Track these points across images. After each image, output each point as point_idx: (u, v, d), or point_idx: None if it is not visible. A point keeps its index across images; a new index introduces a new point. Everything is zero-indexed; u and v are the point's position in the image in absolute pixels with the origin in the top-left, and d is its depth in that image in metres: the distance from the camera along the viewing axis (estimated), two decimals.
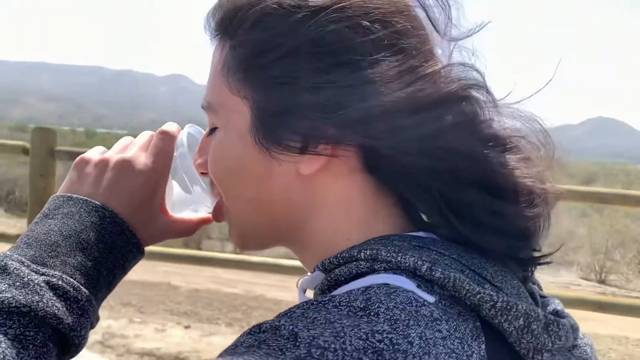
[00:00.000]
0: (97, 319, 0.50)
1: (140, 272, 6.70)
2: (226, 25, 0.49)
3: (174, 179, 0.59)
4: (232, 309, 5.39)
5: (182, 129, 0.59)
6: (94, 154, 0.57)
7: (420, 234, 0.46)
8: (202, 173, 0.56)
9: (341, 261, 0.44)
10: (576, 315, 0.49)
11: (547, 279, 9.56)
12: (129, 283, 6.25)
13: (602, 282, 10.21)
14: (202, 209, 0.60)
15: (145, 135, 0.59)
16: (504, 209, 0.44)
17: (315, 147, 0.45)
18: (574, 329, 0.43)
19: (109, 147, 0.60)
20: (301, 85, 0.44)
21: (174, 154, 0.57)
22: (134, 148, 0.57)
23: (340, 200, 0.47)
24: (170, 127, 0.58)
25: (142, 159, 0.56)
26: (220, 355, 0.34)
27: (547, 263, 0.48)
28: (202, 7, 0.54)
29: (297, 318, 0.36)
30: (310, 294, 0.49)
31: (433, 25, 0.48)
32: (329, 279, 0.44)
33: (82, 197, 0.53)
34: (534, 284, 0.50)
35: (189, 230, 0.59)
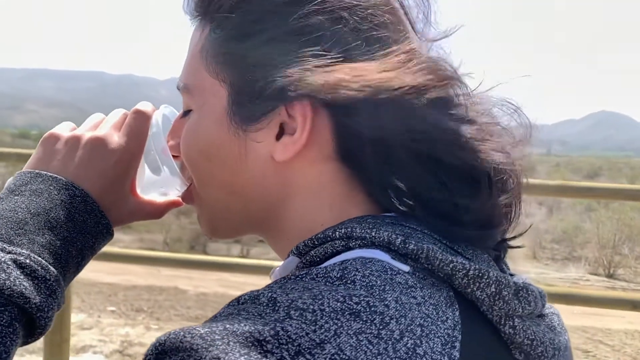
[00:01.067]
0: (64, 301, 0.49)
1: (145, 276, 6.67)
2: (206, 7, 0.49)
3: (146, 161, 0.57)
4: None
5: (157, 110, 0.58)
6: (64, 130, 0.56)
7: (393, 214, 0.46)
8: (174, 156, 0.55)
9: (316, 242, 0.44)
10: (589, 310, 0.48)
11: (556, 275, 9.52)
12: (136, 288, 6.24)
13: (610, 276, 10.16)
14: (172, 192, 0.58)
15: (117, 114, 0.58)
16: (472, 201, 0.44)
17: (292, 132, 0.45)
18: (542, 295, 0.44)
19: None
20: (280, 69, 0.44)
21: (148, 134, 0.56)
22: (106, 126, 0.56)
23: (314, 187, 0.47)
24: (144, 106, 0.57)
25: (116, 138, 0.54)
26: (201, 325, 0.34)
27: (518, 247, 0.49)
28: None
29: (275, 287, 0.37)
30: None
31: (411, 25, 0.49)
32: (304, 261, 0.44)
33: (51, 174, 0.51)
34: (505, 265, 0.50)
35: (157, 213, 0.58)
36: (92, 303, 5.26)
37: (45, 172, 0.52)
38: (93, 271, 5.77)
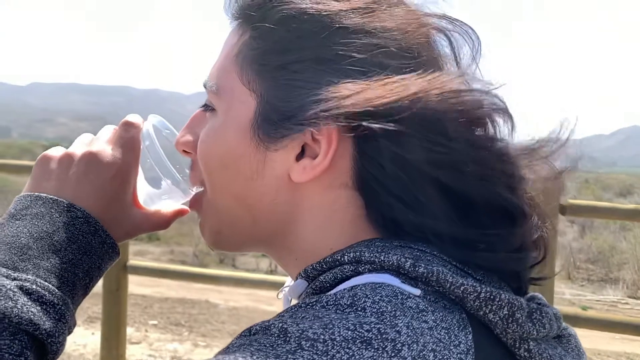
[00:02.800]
0: (74, 324, 0.48)
1: (176, 288, 6.69)
2: (251, 13, 0.48)
3: (143, 171, 0.56)
4: None
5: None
6: (57, 151, 0.55)
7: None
8: (185, 152, 0.54)
9: (325, 266, 0.44)
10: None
11: (593, 298, 9.21)
12: (169, 300, 6.26)
13: None
14: (177, 200, 0.57)
15: (107, 129, 0.57)
16: (504, 236, 0.43)
17: (313, 156, 0.45)
18: (557, 317, 0.43)
19: None
20: (316, 92, 0.43)
21: (141, 145, 0.55)
22: (98, 142, 0.55)
23: (326, 211, 0.47)
24: (133, 118, 0.56)
25: (109, 152, 0.53)
26: (214, 357, 0.34)
27: (543, 279, 0.48)
28: (228, 28, 0.52)
29: (286, 317, 0.37)
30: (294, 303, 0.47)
31: (456, 61, 0.48)
32: (313, 287, 0.44)
33: (51, 196, 0.50)
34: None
35: (163, 223, 0.57)
36: (132, 315, 5.28)
37: (45, 195, 0.50)
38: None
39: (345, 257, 0.42)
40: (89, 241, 0.50)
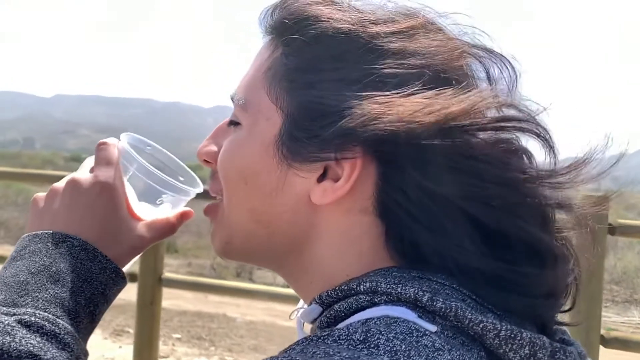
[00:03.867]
0: (85, 352, 0.47)
1: (193, 301, 6.71)
2: (285, 29, 0.47)
3: (131, 183, 0.56)
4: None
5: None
6: (44, 192, 0.56)
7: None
8: (206, 161, 0.53)
9: (340, 294, 0.43)
10: None
11: (617, 319, 8.95)
12: (187, 314, 6.26)
13: None
14: (176, 205, 0.57)
15: (89, 159, 0.58)
16: (526, 277, 0.41)
17: (336, 179, 0.44)
18: (582, 356, 0.42)
19: None
20: (344, 113, 0.42)
21: (124, 162, 0.55)
22: (79, 170, 0.56)
23: (344, 236, 0.46)
24: (107, 139, 0.57)
25: (89, 174, 0.54)
26: None
27: (571, 324, 0.47)
28: (246, 42, 0.48)
29: (296, 354, 0.35)
30: (307, 327, 0.48)
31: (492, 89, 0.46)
32: (328, 315, 0.43)
33: (45, 231, 0.51)
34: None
35: (170, 229, 0.56)
36: None
37: (40, 232, 0.51)
38: (125, 290, 5.82)
39: (362, 286, 0.41)
40: (88, 268, 0.49)
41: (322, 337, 0.37)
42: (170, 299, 6.34)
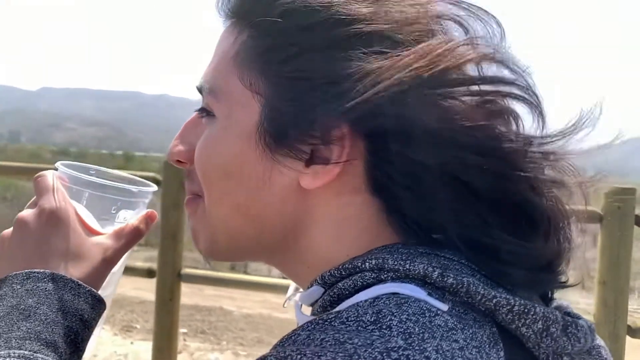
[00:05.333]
0: None
1: (189, 295, 6.73)
2: (246, 11, 0.45)
3: (78, 200, 0.55)
4: None
5: None
6: None
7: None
8: (179, 162, 0.50)
9: (344, 273, 0.41)
10: None
11: None
12: (185, 307, 6.23)
13: None
14: (136, 209, 0.56)
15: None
16: (528, 249, 0.41)
17: (326, 160, 0.42)
18: (591, 330, 0.41)
19: (146, 169, 0.54)
20: (324, 88, 0.41)
21: (74, 187, 0.54)
22: (24, 210, 0.54)
23: (340, 217, 0.44)
24: (42, 172, 0.55)
25: (30, 208, 0.53)
26: None
27: (568, 286, 0.46)
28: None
29: (304, 343, 0.33)
30: (306, 310, 0.46)
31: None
32: (331, 294, 0.42)
33: (9, 274, 0.49)
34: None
35: (137, 234, 0.55)
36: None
37: (4, 277, 0.49)
38: (135, 289, 5.78)
39: (367, 263, 0.40)
40: (59, 297, 0.47)
41: (328, 320, 0.35)
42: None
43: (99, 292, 0.51)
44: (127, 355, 4.31)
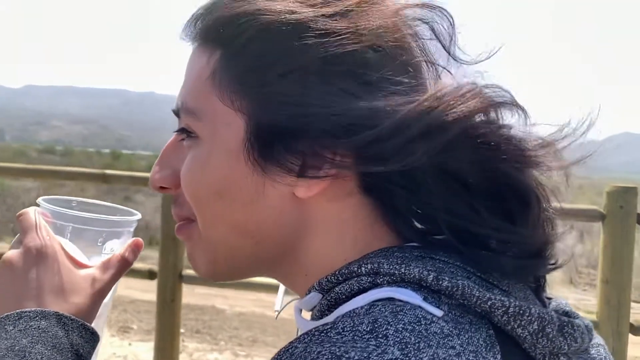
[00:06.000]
0: None
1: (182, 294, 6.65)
2: (218, 32, 0.45)
3: (62, 234, 0.55)
4: (290, 335, 5.29)
5: None
6: None
7: (415, 244, 0.44)
8: (162, 188, 0.50)
9: (340, 278, 0.42)
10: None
11: (596, 302, 9.24)
12: None
13: None
14: (122, 237, 0.56)
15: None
16: (518, 236, 0.41)
17: (317, 170, 0.42)
18: (588, 329, 0.42)
19: (133, 169, 0.53)
20: (309, 105, 0.41)
21: (57, 222, 0.54)
22: (8, 252, 0.54)
23: (335, 222, 0.45)
24: (24, 209, 0.55)
25: (18, 248, 0.52)
26: None
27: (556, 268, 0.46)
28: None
29: (300, 356, 0.34)
30: (306, 315, 0.47)
31: (445, 50, 0.46)
32: (328, 298, 0.42)
33: (0, 317, 0.48)
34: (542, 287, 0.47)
35: (124, 263, 0.55)
36: (150, 322, 5.19)
37: None
38: (127, 288, 5.73)
39: (362, 268, 0.41)
40: (53, 334, 0.46)
41: (324, 331, 0.35)
42: (154, 292, 6.29)
43: (92, 324, 0.51)
44: (126, 356, 4.28)
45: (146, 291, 5.95)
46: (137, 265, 2.92)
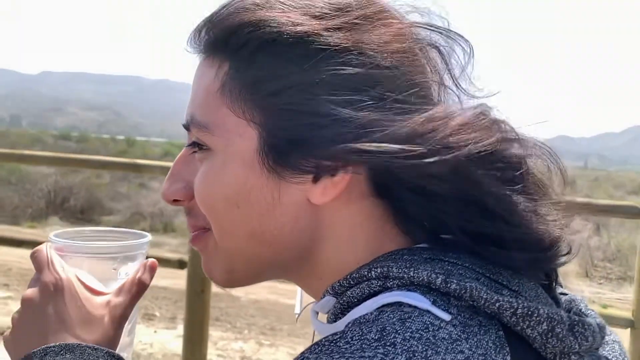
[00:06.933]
0: None
1: None
2: (224, 44, 0.45)
3: (92, 268, 0.56)
4: (306, 324, 5.32)
5: None
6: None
7: (424, 245, 0.44)
8: (176, 201, 0.50)
9: (352, 282, 0.42)
10: None
11: (612, 295, 9.16)
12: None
13: None
14: (135, 260, 0.57)
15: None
16: (532, 231, 0.42)
17: (332, 176, 0.43)
18: (601, 327, 0.41)
19: (147, 157, 0.53)
20: (318, 115, 0.42)
21: (72, 255, 0.55)
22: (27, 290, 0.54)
23: (349, 225, 0.46)
24: (38, 247, 0.55)
25: (35, 285, 0.52)
26: None
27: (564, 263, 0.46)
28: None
29: None
30: (322, 317, 0.47)
31: (452, 78, 0.47)
32: (341, 302, 0.43)
33: (27, 354, 0.48)
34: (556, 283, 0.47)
35: (140, 285, 0.55)
36: (169, 309, 5.24)
37: (23, 358, 0.48)
38: None
39: (372, 272, 0.41)
40: None
41: (334, 341, 0.36)
42: (170, 278, 6.35)
43: (117, 349, 0.51)
44: (152, 344, 4.34)
45: (163, 277, 6.03)
46: (168, 254, 2.92)
